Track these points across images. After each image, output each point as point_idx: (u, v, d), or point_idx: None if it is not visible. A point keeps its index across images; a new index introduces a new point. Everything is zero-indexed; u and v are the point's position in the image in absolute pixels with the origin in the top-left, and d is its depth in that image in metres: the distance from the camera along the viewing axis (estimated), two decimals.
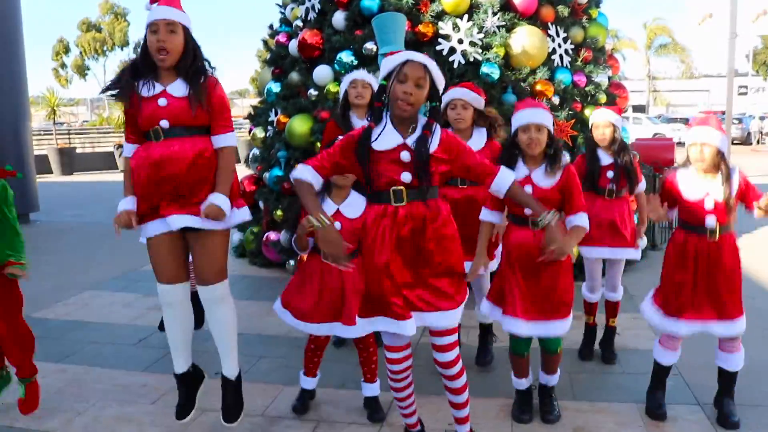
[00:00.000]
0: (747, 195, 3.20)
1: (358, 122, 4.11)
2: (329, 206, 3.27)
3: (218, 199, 2.98)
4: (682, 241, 3.30)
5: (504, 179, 2.70)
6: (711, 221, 3.19)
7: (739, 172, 3.20)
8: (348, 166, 2.70)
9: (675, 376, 3.94)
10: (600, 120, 4.09)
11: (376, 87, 4.08)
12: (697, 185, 3.21)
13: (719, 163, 3.15)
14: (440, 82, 2.61)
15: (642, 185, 4.19)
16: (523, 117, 3.17)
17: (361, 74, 4.27)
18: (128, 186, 3.11)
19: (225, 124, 3.08)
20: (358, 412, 3.56)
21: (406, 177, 2.57)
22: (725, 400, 3.41)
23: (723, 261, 3.21)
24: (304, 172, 2.65)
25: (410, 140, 2.58)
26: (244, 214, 3.24)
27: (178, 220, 3.01)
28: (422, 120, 2.62)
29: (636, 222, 4.28)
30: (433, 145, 2.57)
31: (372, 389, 3.55)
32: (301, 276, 3.41)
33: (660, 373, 3.53)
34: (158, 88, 2.97)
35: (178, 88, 2.98)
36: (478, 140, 3.78)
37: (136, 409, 3.64)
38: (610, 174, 4.06)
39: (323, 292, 3.29)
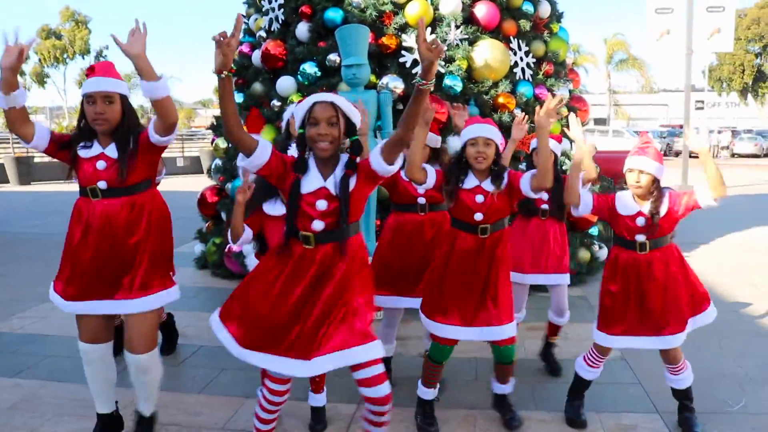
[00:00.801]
0: (679, 204, 3.25)
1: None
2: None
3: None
4: (613, 256, 3.40)
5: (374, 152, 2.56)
6: (640, 237, 3.28)
7: (669, 195, 3.27)
8: (274, 155, 2.60)
9: (635, 385, 4.01)
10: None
11: None
12: (631, 205, 3.30)
13: (654, 190, 3.24)
14: (354, 115, 2.60)
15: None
16: (472, 131, 3.25)
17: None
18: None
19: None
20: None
21: (318, 225, 2.58)
22: (686, 415, 3.47)
23: (654, 275, 3.28)
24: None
25: (330, 182, 2.58)
26: (172, 294, 3.27)
27: (107, 307, 3.09)
28: (344, 158, 2.62)
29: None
30: (353, 183, 2.58)
31: (318, 399, 3.51)
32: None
33: (581, 386, 3.58)
34: (96, 149, 3.00)
35: (115, 151, 3.00)
36: (430, 176, 3.59)
37: (93, 424, 3.53)
38: (544, 195, 4.09)
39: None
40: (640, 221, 3.25)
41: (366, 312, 2.65)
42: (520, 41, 6.56)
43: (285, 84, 6.27)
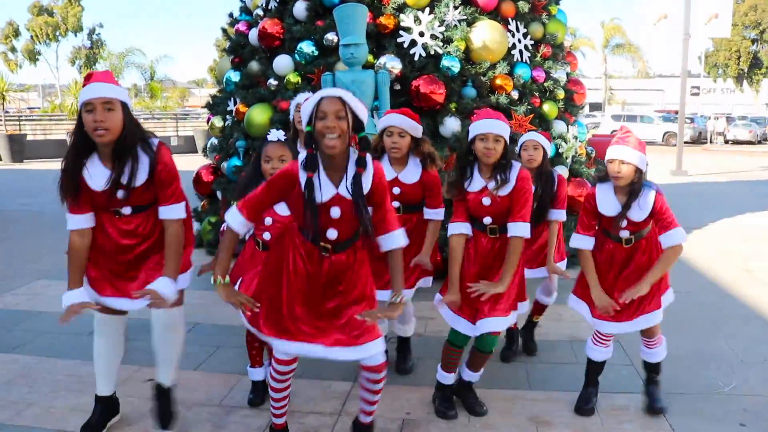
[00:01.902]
0: (658, 221, 3.24)
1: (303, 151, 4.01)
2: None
3: (161, 285, 2.87)
4: (599, 244, 3.40)
5: (392, 240, 2.73)
6: (624, 234, 3.30)
7: (656, 195, 3.21)
8: (270, 205, 2.73)
9: (628, 366, 4.05)
10: (528, 141, 3.97)
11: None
12: (613, 203, 3.28)
13: (636, 181, 3.20)
14: (361, 111, 2.57)
15: (560, 215, 4.00)
16: (482, 126, 3.18)
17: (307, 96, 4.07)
18: (74, 274, 2.94)
19: (171, 194, 2.95)
20: (316, 401, 3.57)
21: (332, 234, 2.62)
22: (651, 388, 3.52)
23: (636, 260, 3.32)
24: (234, 221, 2.66)
25: (342, 188, 2.58)
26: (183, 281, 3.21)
27: (123, 304, 3.04)
28: (353, 156, 2.59)
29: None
30: (366, 185, 2.58)
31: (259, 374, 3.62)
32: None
33: (593, 369, 3.57)
34: (105, 173, 2.83)
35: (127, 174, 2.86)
36: (413, 171, 3.64)
37: (89, 399, 3.54)
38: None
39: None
40: (623, 223, 3.26)
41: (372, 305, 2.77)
42: (519, 23, 6.54)
43: (282, 63, 6.23)
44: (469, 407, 3.49)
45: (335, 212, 2.58)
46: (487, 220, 3.26)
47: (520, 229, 3.19)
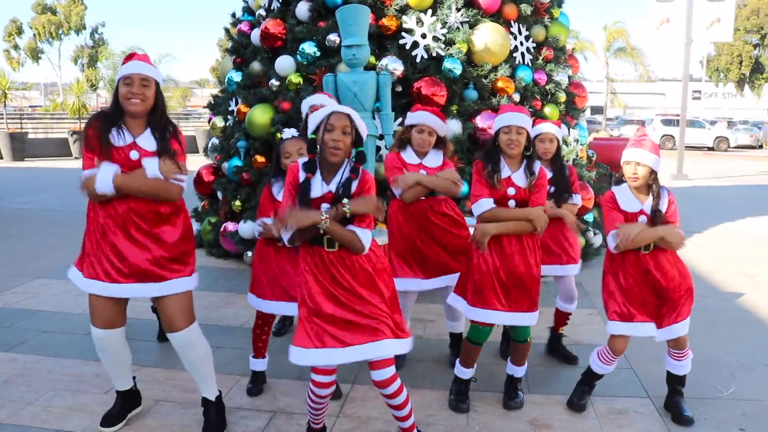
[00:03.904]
0: (669, 218, 3.30)
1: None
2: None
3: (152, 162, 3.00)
4: (621, 255, 3.36)
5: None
6: None
7: (668, 194, 3.31)
8: None
9: (627, 370, 4.04)
10: (545, 133, 4.01)
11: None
12: (632, 202, 3.31)
13: (651, 183, 3.27)
14: (362, 129, 2.83)
15: (577, 198, 4.09)
16: (505, 119, 3.34)
17: (320, 99, 4.01)
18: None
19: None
20: None
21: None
22: (676, 399, 3.50)
23: (663, 267, 3.30)
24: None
25: (333, 185, 2.77)
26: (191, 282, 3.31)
27: (129, 290, 3.07)
28: (348, 165, 2.81)
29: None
30: (353, 188, 2.77)
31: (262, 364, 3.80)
32: (259, 259, 3.63)
33: (592, 378, 3.59)
34: (128, 138, 3.02)
35: (147, 141, 3.04)
36: (434, 158, 3.84)
37: (88, 399, 3.57)
38: (551, 189, 3.94)
39: (278, 274, 3.48)
40: (642, 220, 3.26)
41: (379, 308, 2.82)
42: (521, 26, 6.54)
43: (284, 63, 6.23)
44: (504, 399, 3.60)
45: (325, 207, 2.73)
46: (512, 203, 3.36)
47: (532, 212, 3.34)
